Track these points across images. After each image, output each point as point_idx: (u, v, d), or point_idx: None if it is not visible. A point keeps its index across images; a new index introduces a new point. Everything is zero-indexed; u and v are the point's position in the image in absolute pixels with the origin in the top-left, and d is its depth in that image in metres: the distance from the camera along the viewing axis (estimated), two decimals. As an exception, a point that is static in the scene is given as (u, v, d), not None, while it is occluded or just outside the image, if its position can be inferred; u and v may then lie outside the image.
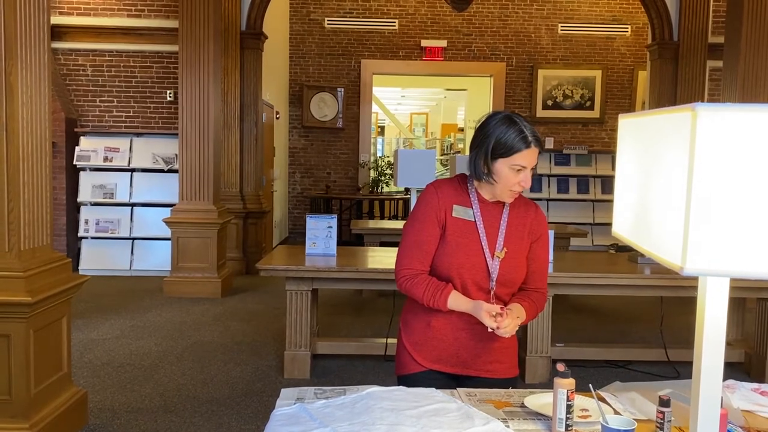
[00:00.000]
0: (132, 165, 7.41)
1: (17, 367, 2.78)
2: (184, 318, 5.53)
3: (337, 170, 10.25)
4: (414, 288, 1.98)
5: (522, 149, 1.89)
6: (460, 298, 1.94)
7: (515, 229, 2.02)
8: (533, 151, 1.90)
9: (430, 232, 1.99)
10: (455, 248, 1.97)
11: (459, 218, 1.99)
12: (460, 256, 1.96)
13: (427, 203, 2.01)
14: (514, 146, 1.89)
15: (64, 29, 7.30)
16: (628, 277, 4.01)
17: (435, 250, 1.99)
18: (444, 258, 1.97)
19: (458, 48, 10.05)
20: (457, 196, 2.01)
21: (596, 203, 9.60)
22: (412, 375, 2.03)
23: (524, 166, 1.90)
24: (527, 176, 1.93)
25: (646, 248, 1.20)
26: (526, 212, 2.06)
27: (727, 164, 1.01)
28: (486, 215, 2.00)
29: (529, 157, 1.90)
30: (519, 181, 1.92)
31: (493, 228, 2.00)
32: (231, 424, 3.44)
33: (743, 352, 4.38)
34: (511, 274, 1.99)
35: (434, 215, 1.99)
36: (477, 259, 1.97)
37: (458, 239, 1.97)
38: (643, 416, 1.66)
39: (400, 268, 2.02)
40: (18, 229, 2.78)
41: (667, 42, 7.67)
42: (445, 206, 1.99)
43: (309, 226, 4.25)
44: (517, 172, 1.91)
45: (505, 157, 1.90)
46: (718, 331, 1.16)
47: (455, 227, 1.98)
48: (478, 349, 2.01)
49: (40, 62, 2.92)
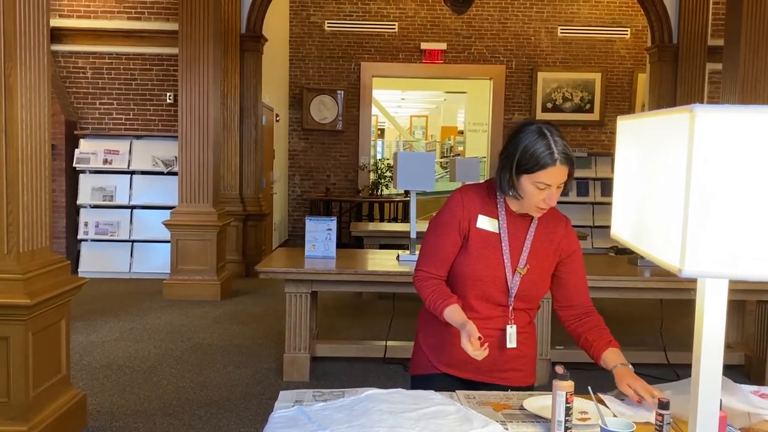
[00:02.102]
0: (132, 167, 7.41)
1: (16, 370, 2.78)
2: (183, 320, 5.52)
3: (337, 173, 10.25)
4: (423, 290, 1.97)
5: (547, 167, 1.78)
6: (455, 313, 1.87)
7: (541, 245, 1.96)
8: (559, 169, 1.79)
9: (451, 240, 1.95)
10: (476, 260, 1.93)
11: (483, 229, 1.94)
12: (480, 268, 1.92)
13: (451, 211, 1.96)
14: (539, 163, 1.78)
15: (64, 32, 7.30)
16: (628, 279, 4.00)
17: (454, 257, 1.96)
18: (464, 268, 1.94)
19: (458, 50, 10.06)
20: (484, 206, 1.96)
21: (596, 206, 9.60)
22: (426, 376, 2.02)
23: (549, 184, 1.80)
24: (552, 194, 1.82)
25: (645, 250, 1.20)
26: (556, 228, 1.99)
27: (725, 165, 1.01)
28: (512, 228, 1.94)
29: (555, 176, 1.79)
30: (543, 198, 1.83)
31: (517, 242, 1.94)
32: (230, 427, 3.43)
33: (743, 354, 4.37)
34: (531, 291, 1.95)
35: (457, 224, 1.95)
36: (497, 272, 1.92)
37: (480, 251, 1.93)
38: (643, 419, 1.65)
39: (418, 268, 2.01)
40: (17, 232, 2.78)
41: (666, 45, 7.68)
42: (469, 215, 1.94)
43: (308, 229, 4.24)
44: (541, 190, 1.82)
45: (529, 173, 1.81)
46: (717, 333, 1.16)
47: (478, 238, 1.94)
48: (494, 356, 1.95)
49: (40, 64, 2.93)
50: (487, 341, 1.84)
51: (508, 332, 1.96)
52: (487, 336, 1.92)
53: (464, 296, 1.96)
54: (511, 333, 1.96)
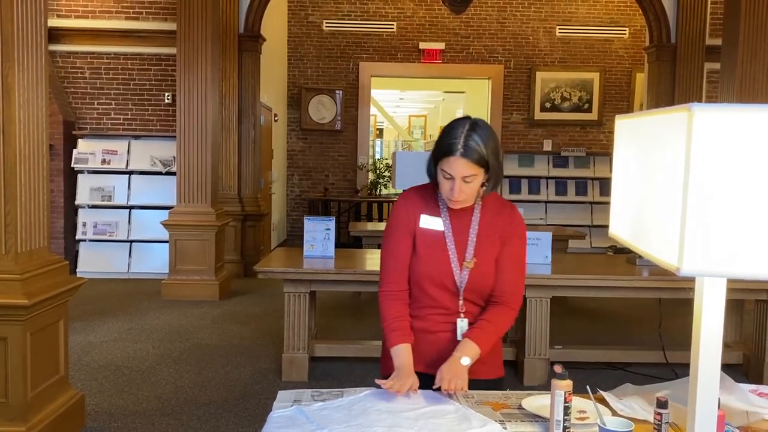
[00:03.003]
0: (130, 167, 7.40)
1: (14, 370, 2.77)
2: (181, 321, 5.52)
3: (336, 172, 10.25)
4: (384, 311, 1.99)
5: (447, 156, 1.81)
6: (401, 355, 1.89)
7: (486, 235, 1.96)
8: (459, 160, 1.80)
9: (404, 245, 1.98)
10: (424, 259, 1.95)
11: (427, 228, 1.96)
12: (428, 267, 1.95)
13: (397, 216, 2.00)
14: (441, 150, 1.83)
15: (62, 32, 7.30)
16: (627, 278, 4.01)
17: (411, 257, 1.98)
18: (414, 268, 1.97)
19: (456, 50, 10.06)
20: (426, 206, 1.98)
21: (594, 205, 9.61)
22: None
23: (450, 174, 1.82)
24: (455, 186, 1.82)
25: (643, 249, 1.20)
26: (499, 215, 1.98)
27: (723, 164, 1.01)
28: (455, 223, 1.96)
29: (455, 166, 1.81)
30: (450, 188, 1.84)
31: (462, 236, 1.95)
32: (229, 427, 3.43)
33: (741, 353, 4.37)
34: (480, 283, 1.95)
35: (405, 226, 1.98)
36: (445, 269, 1.94)
37: (426, 249, 1.95)
38: (643, 418, 1.65)
39: (381, 281, 2.02)
40: (15, 232, 2.78)
41: (664, 44, 7.69)
42: (414, 216, 1.97)
43: (307, 228, 4.24)
44: (446, 180, 1.84)
45: (438, 161, 1.86)
46: (715, 332, 1.16)
47: (423, 237, 1.96)
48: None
49: (38, 64, 2.92)
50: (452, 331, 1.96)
51: (458, 326, 1.97)
52: (447, 330, 1.98)
53: (425, 291, 1.97)
54: (462, 326, 1.97)
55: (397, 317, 1.96)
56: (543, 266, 4.14)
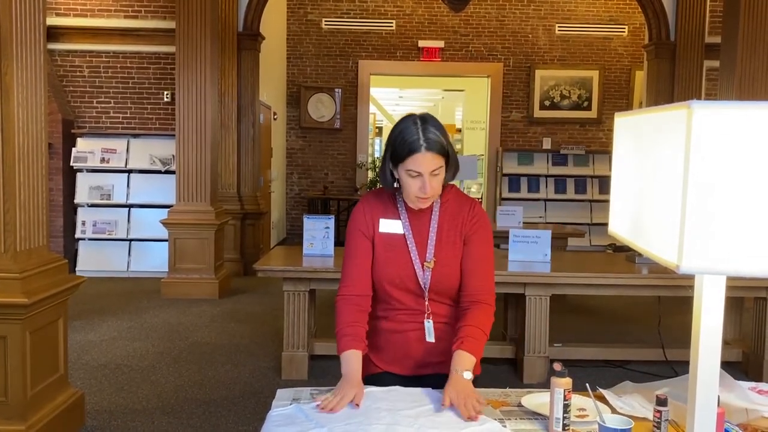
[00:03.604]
0: (129, 166, 7.40)
1: (13, 369, 2.77)
2: (181, 319, 5.52)
3: (335, 171, 10.24)
4: (339, 315, 1.95)
5: (413, 153, 1.79)
6: (349, 361, 1.84)
7: (446, 234, 1.94)
8: (426, 155, 1.78)
9: (362, 249, 1.96)
10: (384, 263, 1.94)
11: (387, 233, 1.95)
12: (389, 270, 1.94)
13: (355, 222, 1.99)
14: (404, 151, 1.80)
15: (61, 30, 7.28)
16: (626, 276, 4.01)
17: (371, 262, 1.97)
18: (376, 272, 1.96)
19: (455, 48, 10.06)
20: (385, 210, 1.97)
21: (594, 203, 9.61)
22: (371, 376, 2.00)
23: (418, 171, 1.80)
24: (426, 183, 1.80)
25: (643, 247, 1.20)
26: (459, 212, 1.96)
27: (723, 162, 1.01)
28: (415, 224, 1.95)
29: (422, 162, 1.79)
30: (419, 186, 1.82)
31: (422, 237, 1.94)
32: (228, 426, 3.43)
33: (740, 351, 4.38)
34: (443, 283, 1.93)
35: (361, 232, 1.97)
36: (407, 271, 1.92)
37: (386, 253, 1.94)
38: (643, 416, 1.65)
39: (339, 287, 2.00)
40: (14, 231, 2.78)
41: (664, 42, 7.68)
42: (372, 221, 1.96)
43: (306, 227, 4.24)
44: (413, 178, 1.82)
45: (401, 161, 1.82)
46: (715, 330, 1.16)
47: (383, 241, 1.95)
48: (429, 347, 1.97)
49: (36, 63, 2.92)
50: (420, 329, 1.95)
51: (426, 327, 1.96)
52: (415, 329, 1.96)
53: (388, 294, 1.96)
54: (429, 327, 1.96)
55: (351, 323, 1.91)
56: (542, 264, 4.14)
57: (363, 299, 1.96)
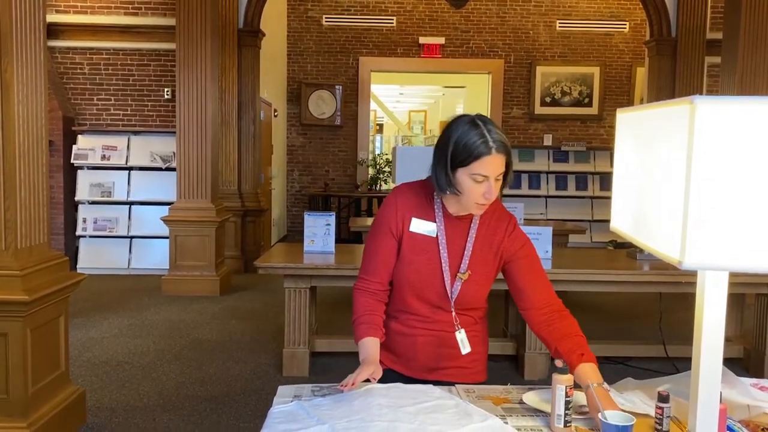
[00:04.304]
0: (130, 163, 7.40)
1: (14, 366, 2.77)
2: (182, 316, 5.52)
3: (336, 168, 10.24)
4: (356, 304, 1.92)
5: (482, 156, 1.69)
6: (368, 346, 1.81)
7: (481, 249, 1.86)
8: (495, 158, 1.69)
9: (386, 244, 1.88)
10: (407, 265, 1.86)
11: (417, 233, 1.85)
12: (411, 274, 1.85)
13: (384, 214, 1.89)
14: (472, 153, 1.69)
15: (61, 27, 7.28)
16: (627, 273, 4.00)
17: (395, 260, 1.89)
18: (398, 274, 1.88)
19: (456, 45, 10.04)
20: (420, 208, 1.87)
21: (595, 200, 9.60)
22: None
23: (486, 175, 1.71)
24: (491, 187, 1.72)
25: (645, 243, 1.20)
26: (496, 230, 1.88)
27: (725, 157, 1.01)
28: (450, 232, 1.85)
29: (491, 165, 1.70)
30: (483, 192, 1.72)
31: (457, 246, 1.85)
32: (230, 422, 3.43)
33: (742, 347, 4.38)
34: (471, 297, 1.87)
35: (388, 228, 1.87)
36: (433, 279, 1.85)
37: (413, 257, 1.85)
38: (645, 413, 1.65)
39: (358, 278, 1.94)
40: (14, 228, 2.77)
41: (665, 38, 7.67)
42: (403, 217, 1.86)
43: (307, 224, 4.24)
44: (479, 183, 1.72)
45: (464, 165, 1.71)
46: (717, 326, 1.16)
47: (411, 242, 1.86)
48: (438, 354, 1.92)
49: (36, 60, 2.91)
50: (432, 335, 1.90)
51: (458, 339, 1.89)
52: (429, 337, 1.91)
53: (403, 299, 1.91)
54: (462, 338, 1.90)
55: (368, 311, 1.88)
56: (543, 261, 4.09)
57: (382, 294, 1.92)
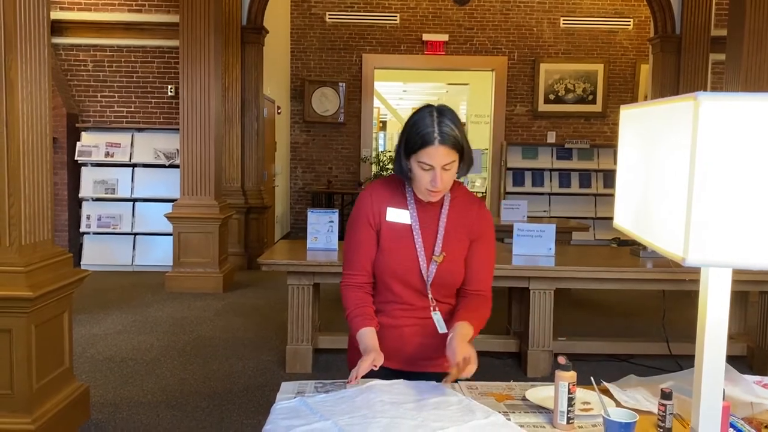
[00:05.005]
0: (133, 160, 7.41)
1: (19, 362, 2.78)
2: (185, 313, 5.53)
3: (339, 165, 10.24)
4: (345, 300, 1.96)
5: (426, 146, 1.76)
6: (367, 336, 1.86)
7: (455, 230, 1.93)
8: (438, 149, 1.76)
9: (366, 236, 1.94)
10: (388, 253, 1.92)
11: (394, 222, 1.92)
12: (393, 261, 1.91)
13: (360, 208, 1.96)
14: (417, 142, 1.77)
15: (65, 24, 7.29)
16: (630, 270, 4.00)
17: (375, 251, 1.94)
18: (379, 263, 1.94)
19: (460, 42, 10.02)
20: (393, 198, 1.94)
21: (598, 197, 9.59)
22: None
23: (431, 164, 1.78)
24: (437, 176, 1.78)
25: (648, 240, 1.20)
26: (468, 211, 1.96)
27: (729, 154, 1.00)
28: (423, 217, 1.92)
29: (436, 155, 1.76)
30: (430, 180, 1.80)
31: (430, 230, 1.92)
32: (233, 418, 3.44)
33: (745, 345, 4.37)
34: (447, 278, 1.92)
35: (366, 220, 1.94)
36: (411, 263, 1.90)
37: (392, 244, 1.92)
38: (648, 410, 1.65)
39: (343, 274, 1.99)
40: (19, 224, 2.78)
41: (669, 35, 7.64)
42: (379, 209, 1.93)
43: (310, 221, 4.24)
44: (425, 171, 1.79)
45: (414, 153, 1.79)
46: (721, 323, 1.16)
47: (389, 231, 1.92)
48: (424, 345, 1.96)
49: (41, 57, 2.92)
50: (417, 325, 1.94)
51: (435, 319, 1.94)
52: (412, 325, 1.95)
53: (387, 286, 1.95)
54: (438, 319, 1.94)
55: (359, 304, 1.93)
56: (547, 258, 4.13)
57: (367, 285, 1.97)
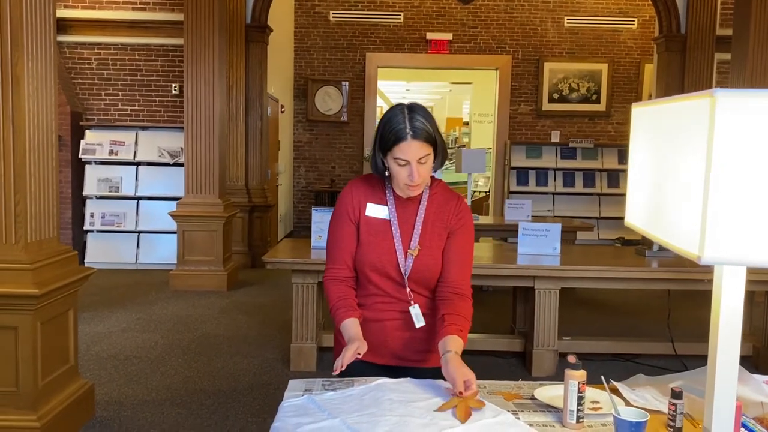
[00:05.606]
0: (137, 158, 7.41)
1: (24, 359, 2.79)
2: (190, 311, 5.53)
3: (342, 164, 10.23)
4: (329, 294, 1.99)
5: (400, 141, 1.82)
6: (351, 327, 1.89)
7: (432, 225, 1.97)
8: (411, 143, 1.81)
9: (347, 231, 1.98)
10: (367, 247, 1.96)
11: (373, 216, 1.97)
12: (372, 255, 1.95)
13: (341, 204, 2.01)
14: (391, 139, 1.83)
15: (69, 22, 7.29)
16: (635, 270, 3.99)
17: (356, 245, 1.98)
18: (359, 257, 1.97)
19: (464, 41, 10.01)
20: (373, 194, 1.99)
21: (602, 197, 9.57)
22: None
23: (406, 159, 1.83)
24: (413, 171, 1.83)
25: (662, 238, 1.19)
26: (446, 206, 1.99)
27: (746, 151, 0.99)
28: (401, 212, 1.97)
29: (409, 150, 1.82)
30: (407, 175, 1.85)
31: (408, 225, 1.96)
32: (237, 417, 3.44)
33: (751, 345, 4.36)
34: (423, 272, 1.95)
35: (347, 215, 1.99)
36: (389, 257, 1.94)
37: (370, 238, 1.96)
38: (657, 409, 1.64)
39: (326, 269, 2.03)
40: (25, 222, 2.78)
41: (674, 34, 7.62)
42: (359, 205, 1.98)
43: (315, 219, 4.23)
44: (401, 167, 1.85)
45: (389, 150, 1.85)
46: (734, 322, 1.15)
47: (368, 226, 1.97)
48: (406, 338, 1.98)
49: (47, 54, 2.92)
50: (400, 319, 1.97)
51: (412, 313, 1.96)
52: (393, 318, 1.98)
53: (367, 278, 1.98)
54: (416, 313, 1.96)
55: (342, 297, 1.96)
56: (552, 257, 4.12)
57: (349, 279, 2.01)
